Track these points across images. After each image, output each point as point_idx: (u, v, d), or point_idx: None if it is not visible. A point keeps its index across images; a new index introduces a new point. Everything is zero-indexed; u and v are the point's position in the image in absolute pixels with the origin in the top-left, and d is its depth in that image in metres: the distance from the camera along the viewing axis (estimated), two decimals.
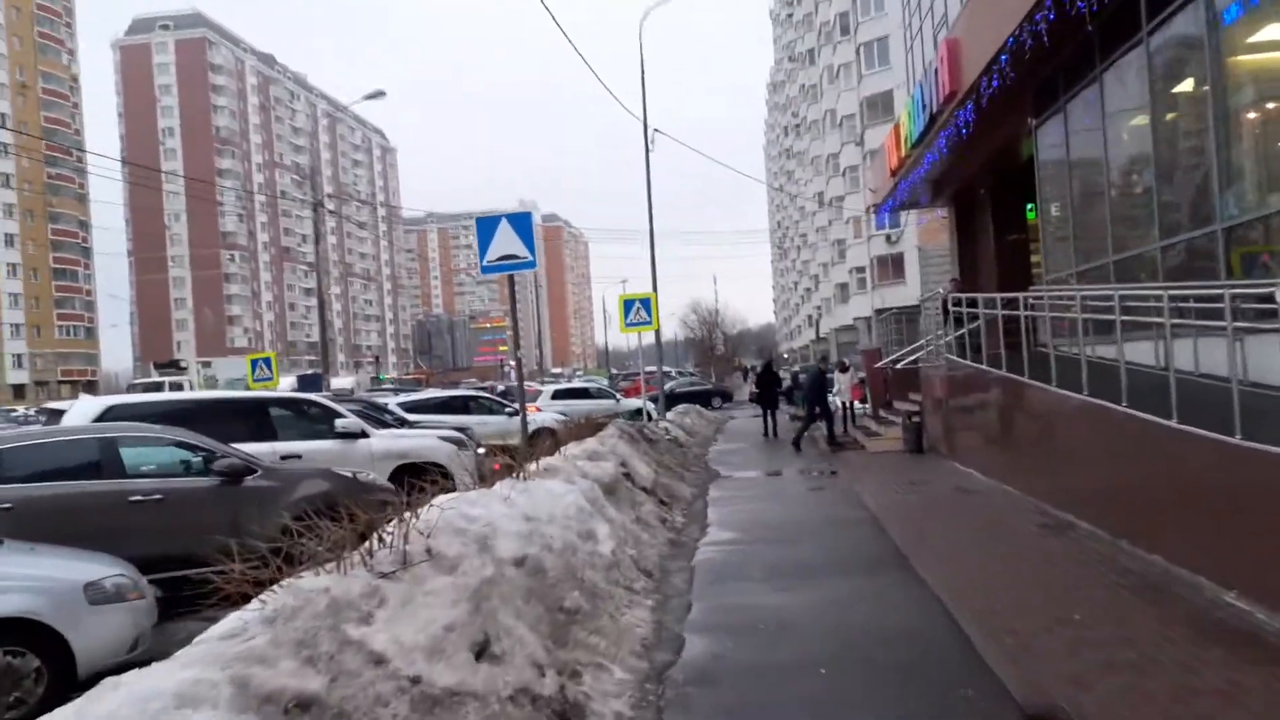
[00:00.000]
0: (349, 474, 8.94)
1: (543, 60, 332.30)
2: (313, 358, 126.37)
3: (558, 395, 26.68)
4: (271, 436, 10.80)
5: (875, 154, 24.94)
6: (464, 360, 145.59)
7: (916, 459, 14.83)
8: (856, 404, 22.32)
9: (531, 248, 10.85)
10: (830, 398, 22.89)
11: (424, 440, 11.99)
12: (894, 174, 20.54)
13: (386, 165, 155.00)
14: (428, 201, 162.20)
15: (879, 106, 50.14)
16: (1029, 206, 19.59)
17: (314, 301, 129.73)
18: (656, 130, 22.77)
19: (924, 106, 16.52)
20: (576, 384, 32.13)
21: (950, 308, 14.19)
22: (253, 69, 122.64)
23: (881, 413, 19.46)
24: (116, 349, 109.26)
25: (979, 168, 18.74)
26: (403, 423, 14.23)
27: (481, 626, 4.58)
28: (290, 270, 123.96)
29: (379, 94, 29.76)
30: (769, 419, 22.14)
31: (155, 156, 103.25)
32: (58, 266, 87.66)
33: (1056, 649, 5.14)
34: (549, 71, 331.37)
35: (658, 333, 22.82)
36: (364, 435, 11.30)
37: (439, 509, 5.73)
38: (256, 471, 8.54)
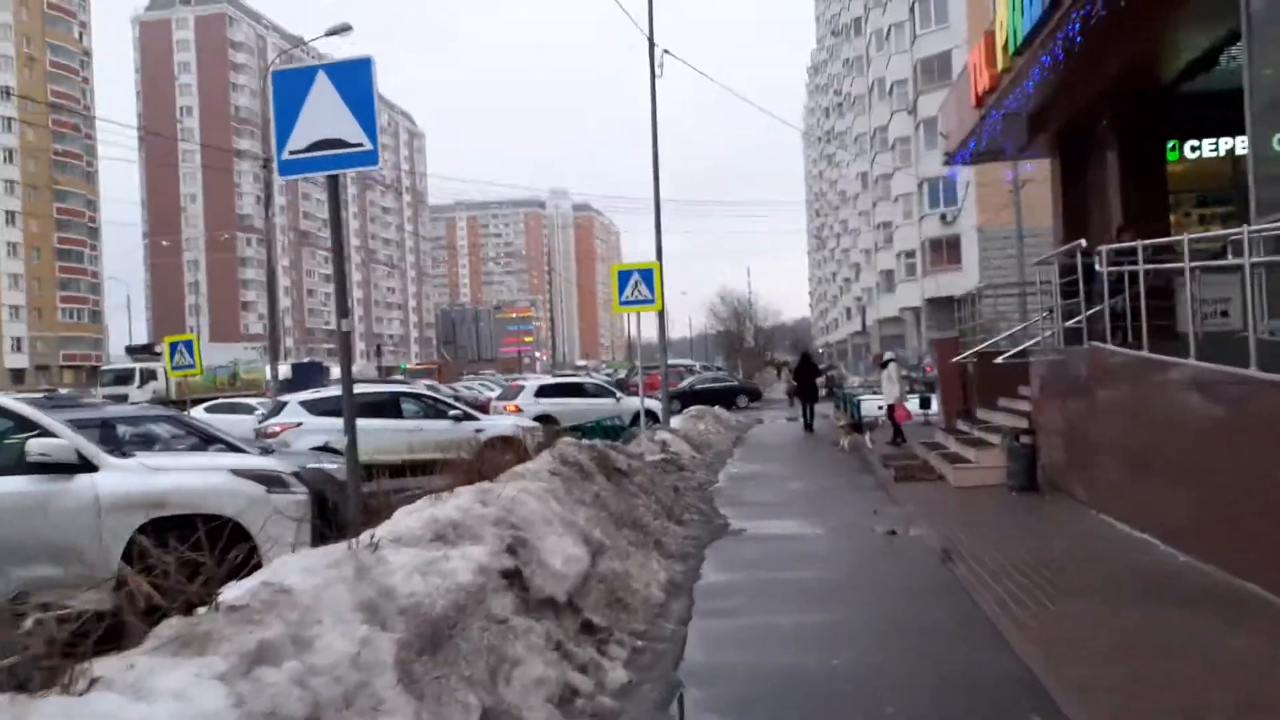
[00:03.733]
0: None
1: (584, 50, 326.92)
2: (330, 346, 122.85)
3: (544, 392, 21.63)
4: None
5: (951, 88, 19.60)
6: (489, 351, 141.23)
7: (1033, 504, 9.65)
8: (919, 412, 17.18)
9: (372, 131, 5.87)
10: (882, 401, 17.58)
11: (201, 477, 7.03)
12: (980, 103, 15.25)
13: (414, 150, 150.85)
14: (460, 190, 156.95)
15: (934, 70, 44.51)
16: (1169, 145, 14.41)
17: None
18: (666, 51, 17.66)
19: None
20: (568, 378, 27.07)
21: (1100, 269, 8.91)
22: (275, 47, 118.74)
23: (960, 424, 14.25)
24: (131, 333, 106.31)
25: (1105, 86, 13.43)
26: (207, 439, 9.23)
27: None
28: (310, 255, 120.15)
29: (344, 28, 25.00)
30: (808, 411, 20.72)
31: (172, 136, 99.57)
32: (62, 247, 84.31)
33: None
34: (590, 61, 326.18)
35: (662, 314, 17.74)
36: (85, 467, 6.38)
37: None
38: None
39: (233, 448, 9.55)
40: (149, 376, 46.59)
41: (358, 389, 17.63)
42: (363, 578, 3.87)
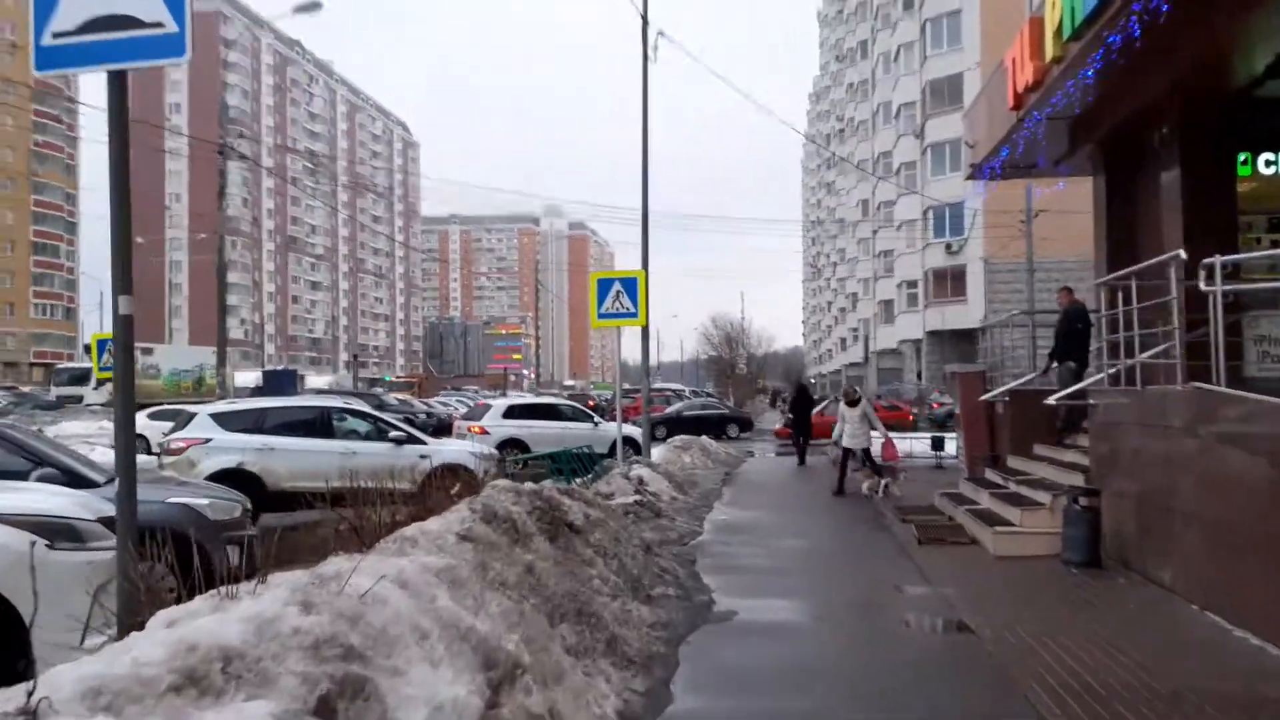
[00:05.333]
0: None
1: (589, 66, 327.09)
2: (314, 354, 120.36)
3: (513, 413, 19.42)
4: None
5: (981, 93, 17.59)
6: (476, 366, 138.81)
7: (1106, 589, 7.50)
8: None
9: (178, 6, 3.72)
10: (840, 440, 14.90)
11: None
12: (1019, 104, 13.22)
13: (408, 159, 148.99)
14: (453, 204, 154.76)
15: (945, 93, 42.81)
16: (1241, 159, 12.49)
17: (319, 295, 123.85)
18: (660, 34, 15.67)
19: None
20: (542, 399, 24.79)
21: (1211, 289, 6.82)
22: (269, 48, 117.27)
23: (989, 474, 12.13)
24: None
25: (1170, 84, 11.46)
26: (37, 460, 7.04)
27: None
28: (296, 262, 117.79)
29: (314, 5, 22.99)
30: (802, 445, 19.22)
31: (159, 134, 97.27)
32: (38, 240, 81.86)
33: None
34: (595, 79, 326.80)
35: (645, 330, 15.69)
36: None
37: None
38: None
39: (75, 476, 7.37)
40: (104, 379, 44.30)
41: (285, 401, 15.47)
42: None
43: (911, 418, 31.07)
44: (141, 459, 16.03)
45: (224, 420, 12.13)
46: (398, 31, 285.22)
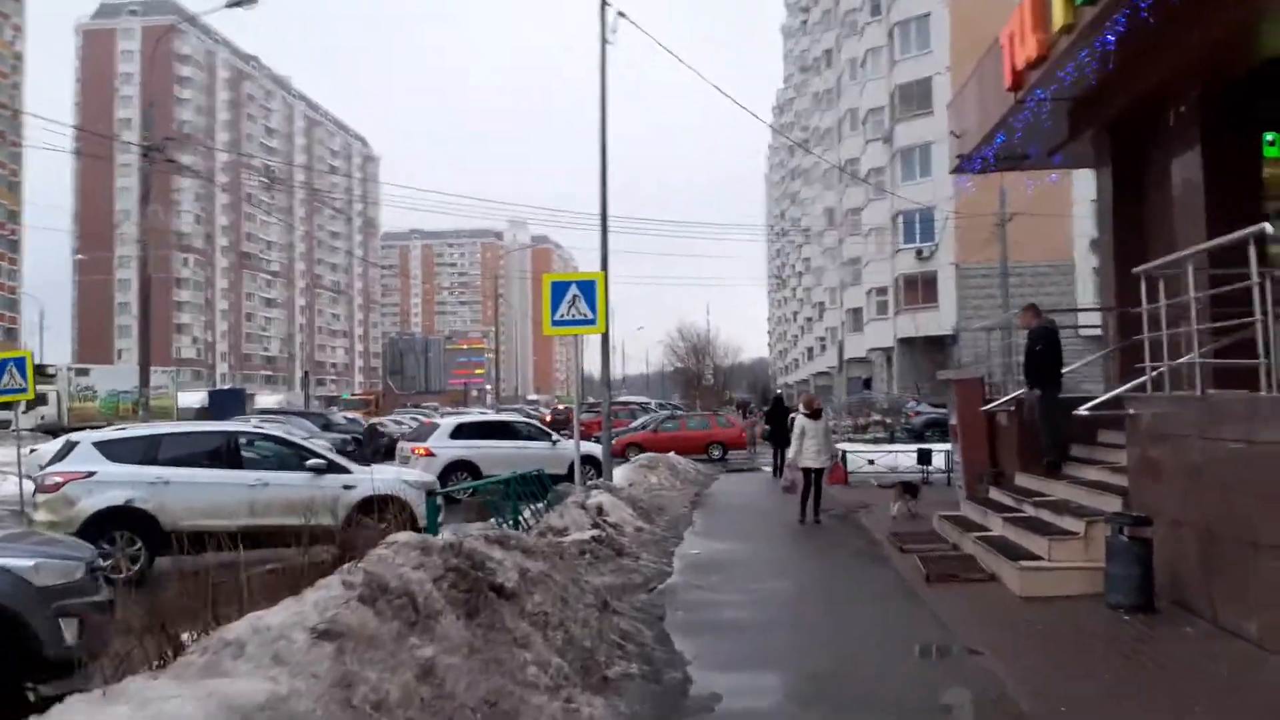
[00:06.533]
0: None
1: (543, 84, 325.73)
2: (269, 373, 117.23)
3: (462, 432, 17.70)
4: None
5: (970, 75, 16.21)
6: (437, 382, 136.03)
7: (1174, 642, 6.05)
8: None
9: None
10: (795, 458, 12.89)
11: None
12: (1018, 83, 11.89)
13: (367, 174, 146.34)
14: (415, 218, 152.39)
15: (914, 97, 41.81)
16: (1268, 138, 11.29)
17: (275, 312, 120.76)
18: (620, 14, 14.17)
19: None
20: (494, 416, 23.01)
21: None
22: (225, 62, 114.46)
23: (995, 493, 10.70)
24: (52, 353, 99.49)
25: (1196, 54, 10.18)
26: None
27: None
28: (250, 278, 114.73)
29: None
30: (778, 458, 18.12)
31: (109, 148, 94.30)
32: None
33: None
34: (553, 96, 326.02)
35: (606, 338, 14.14)
36: None
37: None
38: None
39: None
40: (38, 400, 41.74)
41: (185, 427, 13.68)
42: None
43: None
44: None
45: (111, 450, 10.34)
46: (358, 47, 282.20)
